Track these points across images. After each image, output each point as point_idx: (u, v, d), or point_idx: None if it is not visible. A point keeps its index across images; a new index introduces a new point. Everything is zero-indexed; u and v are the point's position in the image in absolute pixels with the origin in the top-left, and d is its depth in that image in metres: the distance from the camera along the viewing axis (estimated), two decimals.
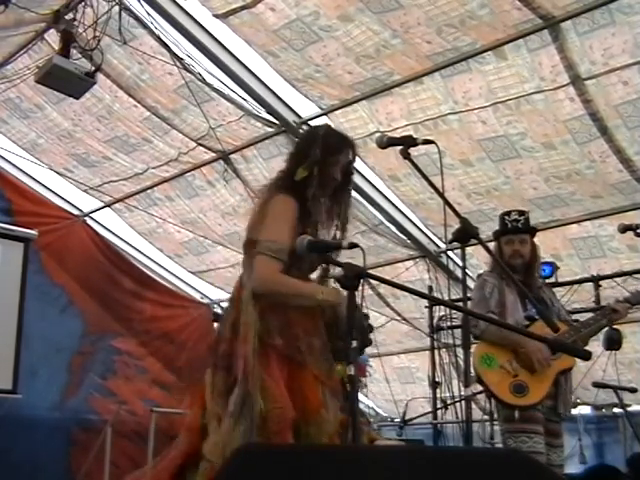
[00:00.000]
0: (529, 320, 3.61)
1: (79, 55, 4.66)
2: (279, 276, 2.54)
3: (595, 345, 4.03)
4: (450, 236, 2.63)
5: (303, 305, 2.57)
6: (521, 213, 3.83)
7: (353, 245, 2.35)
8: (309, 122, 5.28)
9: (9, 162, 6.43)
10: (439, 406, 5.99)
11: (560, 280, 5.44)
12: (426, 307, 6.43)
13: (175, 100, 5.29)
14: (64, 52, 4.54)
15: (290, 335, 2.53)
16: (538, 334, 3.08)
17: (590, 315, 3.83)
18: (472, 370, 3.46)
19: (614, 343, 4.05)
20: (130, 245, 7.29)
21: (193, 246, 6.97)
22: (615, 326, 3.86)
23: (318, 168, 2.62)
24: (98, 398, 6.35)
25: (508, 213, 3.85)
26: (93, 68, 4.57)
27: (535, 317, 3.59)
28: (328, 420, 2.47)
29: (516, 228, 3.77)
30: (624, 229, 3.63)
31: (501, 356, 3.53)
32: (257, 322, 2.49)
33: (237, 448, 2.26)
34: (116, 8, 4.57)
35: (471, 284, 3.91)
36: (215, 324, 7.41)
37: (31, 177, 6.61)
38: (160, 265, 7.48)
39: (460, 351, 5.24)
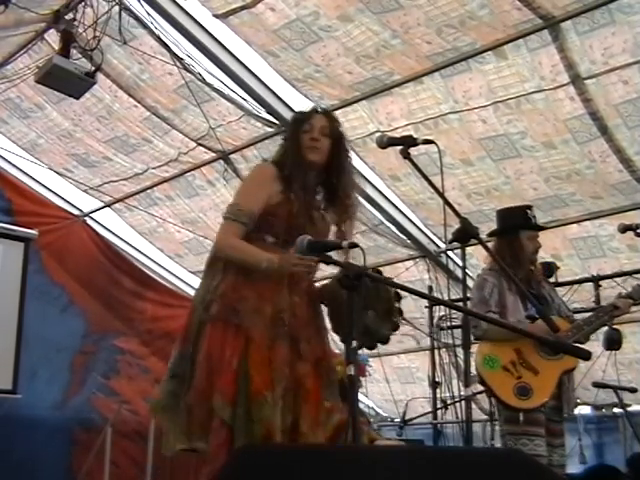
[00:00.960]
0: (530, 319, 3.59)
1: (79, 55, 4.66)
2: (232, 240, 2.52)
3: (595, 345, 4.03)
4: (450, 236, 2.63)
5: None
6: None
7: (353, 245, 2.34)
8: None
9: (9, 162, 6.42)
10: (439, 406, 5.98)
11: (560, 280, 5.42)
12: (426, 307, 6.43)
13: (175, 100, 5.29)
14: (64, 52, 4.54)
15: (232, 298, 2.48)
16: (539, 334, 3.07)
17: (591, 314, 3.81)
18: (475, 372, 3.44)
19: (614, 343, 4.04)
20: (130, 245, 7.27)
21: (193, 246, 6.96)
22: (615, 326, 3.85)
23: (291, 142, 2.64)
24: (101, 398, 6.34)
25: (529, 207, 3.82)
26: (93, 68, 4.58)
27: (536, 316, 3.58)
28: (269, 403, 2.35)
29: (538, 225, 3.78)
30: (624, 229, 3.63)
31: (504, 357, 3.50)
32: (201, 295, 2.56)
33: (237, 448, 2.27)
34: (116, 8, 4.57)
35: (471, 284, 3.90)
36: None
37: (31, 177, 6.59)
38: (160, 265, 7.47)
39: (460, 351, 5.23)
